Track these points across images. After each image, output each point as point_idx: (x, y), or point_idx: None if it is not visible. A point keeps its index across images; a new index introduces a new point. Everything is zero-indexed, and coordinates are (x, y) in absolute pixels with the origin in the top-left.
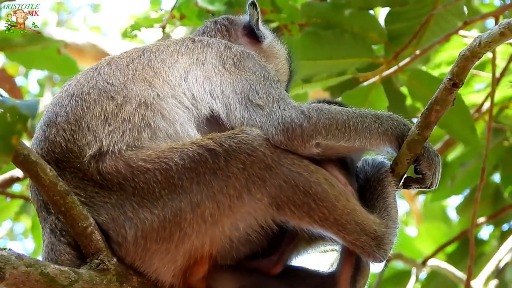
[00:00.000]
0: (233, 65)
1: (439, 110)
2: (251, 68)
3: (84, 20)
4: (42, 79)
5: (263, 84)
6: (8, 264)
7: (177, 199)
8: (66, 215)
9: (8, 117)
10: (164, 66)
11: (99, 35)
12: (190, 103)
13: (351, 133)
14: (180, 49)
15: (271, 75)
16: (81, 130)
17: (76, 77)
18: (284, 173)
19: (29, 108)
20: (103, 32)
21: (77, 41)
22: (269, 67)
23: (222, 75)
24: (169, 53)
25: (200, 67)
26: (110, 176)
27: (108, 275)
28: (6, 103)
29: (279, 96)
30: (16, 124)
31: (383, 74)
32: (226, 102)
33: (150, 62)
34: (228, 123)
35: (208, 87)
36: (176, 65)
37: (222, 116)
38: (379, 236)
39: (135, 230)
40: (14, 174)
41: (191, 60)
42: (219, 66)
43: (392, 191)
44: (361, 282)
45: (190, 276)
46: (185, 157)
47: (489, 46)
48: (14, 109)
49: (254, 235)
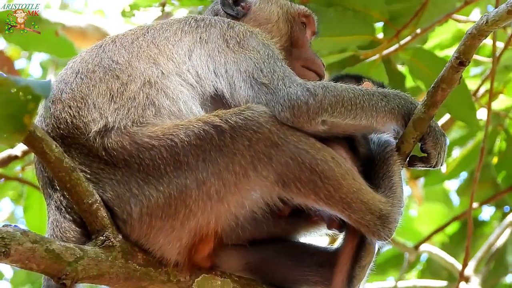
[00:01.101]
0: (237, 44)
1: (445, 88)
2: (255, 47)
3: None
4: (45, 61)
5: (267, 62)
6: (13, 240)
7: (182, 176)
8: (71, 191)
9: (20, 96)
10: (168, 44)
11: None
12: (194, 81)
13: (357, 111)
14: (183, 27)
15: (275, 53)
16: (87, 107)
17: (81, 54)
18: (290, 150)
19: (42, 88)
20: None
21: (80, 24)
22: (273, 45)
23: (225, 54)
24: (173, 31)
25: (204, 46)
26: (115, 153)
27: (113, 252)
28: (19, 83)
29: (283, 74)
30: (28, 104)
31: (384, 52)
32: (230, 81)
33: (154, 39)
34: (232, 102)
35: (212, 65)
36: (180, 43)
37: (226, 95)
38: (384, 215)
39: (140, 207)
40: (12, 153)
41: (194, 39)
42: (223, 45)
43: (397, 170)
44: (367, 260)
45: (196, 254)
46: (191, 133)
47: (496, 24)
48: (27, 89)
49: (260, 212)
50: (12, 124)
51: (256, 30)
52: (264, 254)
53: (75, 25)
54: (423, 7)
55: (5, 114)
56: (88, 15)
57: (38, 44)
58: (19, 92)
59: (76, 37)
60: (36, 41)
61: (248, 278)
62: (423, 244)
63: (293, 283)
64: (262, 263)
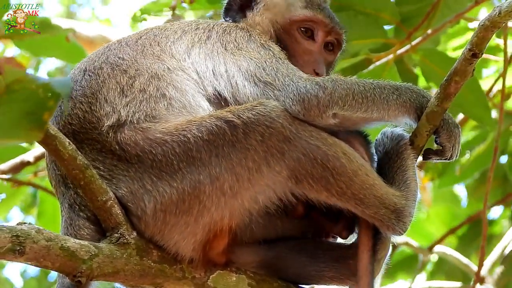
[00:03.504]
0: (235, 47)
1: (459, 81)
2: (254, 48)
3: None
4: (53, 71)
5: (269, 61)
6: (28, 238)
7: (195, 171)
8: (85, 189)
9: (40, 94)
10: (168, 42)
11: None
12: (197, 77)
13: (368, 104)
14: (184, 28)
15: (276, 52)
16: (99, 102)
17: (88, 56)
18: (302, 146)
19: (62, 86)
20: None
21: (87, 33)
22: (273, 45)
23: (224, 56)
24: (173, 30)
25: (202, 46)
26: (128, 148)
27: (128, 249)
28: (39, 80)
29: (287, 71)
30: (48, 101)
31: (396, 53)
32: (231, 81)
33: (155, 37)
34: (235, 102)
35: (210, 65)
36: (179, 41)
37: (227, 95)
38: (398, 209)
39: (154, 203)
40: (24, 159)
41: (193, 39)
42: (221, 47)
43: (411, 164)
44: (382, 253)
45: (210, 250)
46: (204, 129)
47: (509, 15)
48: (47, 86)
49: (273, 208)
50: (31, 121)
51: (255, 32)
52: (278, 251)
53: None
54: (434, 8)
55: (24, 111)
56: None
57: (49, 49)
58: (39, 89)
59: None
60: (47, 46)
61: (263, 274)
62: (437, 245)
63: (308, 279)
64: (276, 260)
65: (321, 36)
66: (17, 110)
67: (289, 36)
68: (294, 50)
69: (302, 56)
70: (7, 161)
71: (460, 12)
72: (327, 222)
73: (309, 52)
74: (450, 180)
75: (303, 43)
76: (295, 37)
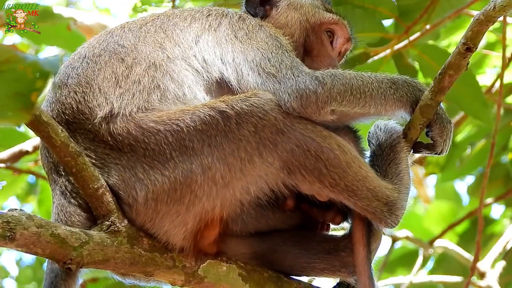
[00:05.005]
0: (245, 35)
1: (453, 75)
2: (263, 38)
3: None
4: None
5: (275, 53)
6: (18, 224)
7: (188, 161)
8: (77, 176)
9: (28, 74)
10: (176, 29)
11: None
12: (200, 66)
13: (366, 99)
14: (194, 15)
15: (284, 44)
16: (92, 92)
17: (90, 41)
18: (296, 138)
19: (50, 65)
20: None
21: (86, 22)
22: (282, 37)
23: (233, 43)
24: (182, 18)
25: (212, 33)
26: (121, 138)
27: (119, 237)
28: (27, 59)
29: (291, 64)
30: (36, 81)
31: (394, 48)
32: (237, 69)
33: (162, 24)
34: (239, 89)
35: (219, 52)
36: (188, 29)
37: (233, 82)
38: (391, 202)
39: (146, 191)
40: (23, 148)
41: (203, 26)
42: (231, 35)
43: (404, 157)
44: (373, 245)
45: (201, 239)
46: (197, 119)
47: (504, 10)
48: (36, 65)
49: (265, 199)
50: (19, 102)
51: (267, 25)
52: (270, 243)
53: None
54: (433, 2)
55: (12, 92)
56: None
57: (50, 38)
58: (27, 69)
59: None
60: (48, 35)
61: (254, 264)
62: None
63: (300, 271)
64: (269, 252)
65: (339, 43)
66: (5, 91)
67: (316, 38)
68: (319, 51)
69: (325, 59)
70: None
71: (460, 7)
72: (319, 211)
73: (329, 56)
74: (451, 175)
75: (328, 46)
76: (321, 38)
